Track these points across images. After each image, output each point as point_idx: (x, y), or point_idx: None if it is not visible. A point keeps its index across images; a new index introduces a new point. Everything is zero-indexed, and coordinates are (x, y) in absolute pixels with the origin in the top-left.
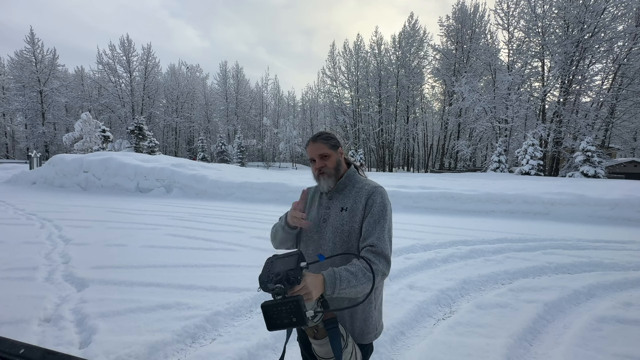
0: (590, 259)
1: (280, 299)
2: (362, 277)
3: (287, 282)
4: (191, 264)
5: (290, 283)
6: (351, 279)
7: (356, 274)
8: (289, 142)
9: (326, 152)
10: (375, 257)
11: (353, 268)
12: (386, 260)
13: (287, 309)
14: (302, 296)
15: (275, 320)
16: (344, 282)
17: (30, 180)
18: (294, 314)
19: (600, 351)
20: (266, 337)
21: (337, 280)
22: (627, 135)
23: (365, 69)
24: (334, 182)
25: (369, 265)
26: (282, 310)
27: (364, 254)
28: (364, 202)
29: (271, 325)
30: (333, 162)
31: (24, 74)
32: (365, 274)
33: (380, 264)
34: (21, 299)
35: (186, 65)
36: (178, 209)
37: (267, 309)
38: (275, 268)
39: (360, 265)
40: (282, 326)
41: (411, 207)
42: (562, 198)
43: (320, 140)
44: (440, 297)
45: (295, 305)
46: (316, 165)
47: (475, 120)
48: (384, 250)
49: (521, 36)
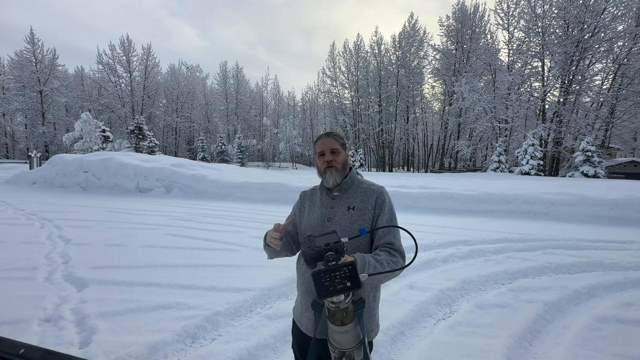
0: (590, 259)
1: (334, 265)
2: (387, 266)
3: (336, 252)
4: (191, 264)
5: (339, 253)
6: (377, 266)
7: (382, 262)
8: (289, 142)
9: (337, 147)
10: (396, 253)
11: (379, 257)
12: (402, 256)
13: (340, 274)
14: (355, 260)
15: (327, 287)
16: (371, 267)
17: (30, 180)
18: (348, 278)
19: (600, 351)
20: (266, 337)
21: (366, 264)
22: (627, 135)
23: (365, 69)
24: (340, 177)
25: (396, 257)
26: (335, 276)
27: (383, 250)
28: (374, 202)
29: (324, 292)
30: (342, 159)
31: (24, 74)
32: (390, 264)
33: (400, 259)
34: (21, 299)
35: (186, 65)
36: (178, 209)
37: (318, 275)
38: (317, 243)
39: (385, 256)
40: (334, 292)
41: (411, 207)
42: (562, 198)
43: (333, 136)
44: (440, 297)
45: (351, 269)
46: (326, 158)
47: (475, 120)
48: (400, 247)
49: (521, 36)
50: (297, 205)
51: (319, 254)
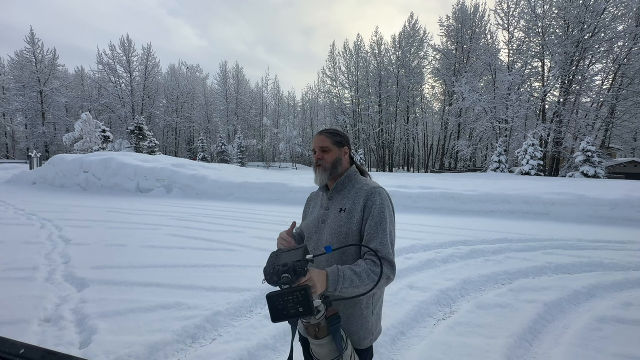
0: (590, 259)
1: (287, 289)
2: (365, 278)
3: (294, 273)
4: (191, 264)
5: (297, 274)
6: (354, 279)
7: (360, 274)
8: (289, 142)
9: (327, 146)
10: (380, 262)
11: (358, 268)
12: (390, 265)
13: (294, 299)
14: (309, 285)
15: (280, 311)
16: (347, 281)
17: (30, 180)
18: (301, 303)
19: (600, 351)
20: (266, 337)
21: (340, 278)
22: (627, 135)
23: (365, 69)
24: (327, 177)
25: (375, 268)
26: (288, 300)
27: (367, 258)
28: (362, 204)
29: (276, 316)
30: (331, 157)
31: (24, 74)
32: (369, 275)
33: (385, 268)
34: (21, 299)
35: (186, 65)
36: (178, 209)
37: (272, 299)
38: (280, 260)
39: (365, 267)
40: (287, 317)
41: (411, 207)
42: (562, 198)
43: (324, 134)
44: (440, 297)
45: (304, 294)
46: (315, 156)
47: (475, 120)
48: (387, 255)
49: (521, 36)
50: (305, 207)
51: (277, 273)
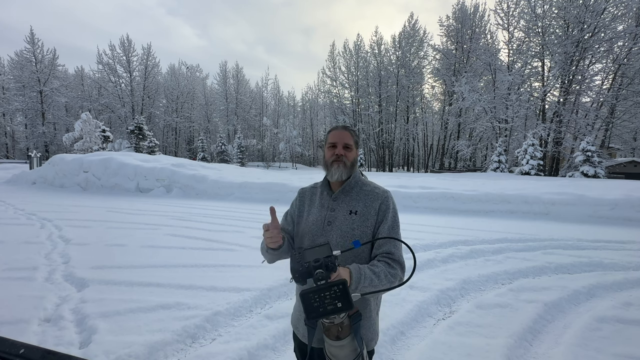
0: (590, 259)
1: (324, 284)
2: (384, 279)
3: (326, 269)
4: (191, 264)
5: (329, 270)
6: (374, 279)
7: (379, 274)
8: (289, 142)
9: (351, 144)
10: (395, 265)
11: (376, 269)
12: (402, 268)
13: (331, 294)
14: (346, 280)
15: (317, 308)
16: (367, 279)
17: (30, 180)
18: (339, 298)
19: (600, 351)
20: (266, 337)
21: (362, 277)
22: (627, 135)
23: (365, 69)
24: (347, 174)
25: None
26: (325, 297)
27: (381, 260)
28: (377, 207)
29: (313, 314)
30: (353, 156)
31: (24, 74)
32: (387, 277)
33: (400, 271)
34: (21, 299)
35: (186, 65)
36: (178, 209)
37: (307, 296)
38: (307, 257)
39: (383, 267)
40: (325, 314)
41: (411, 207)
42: (562, 198)
43: (349, 131)
44: (440, 297)
45: (342, 288)
46: (337, 151)
47: (475, 120)
48: (400, 257)
49: (521, 36)
50: (295, 203)
51: (308, 270)
